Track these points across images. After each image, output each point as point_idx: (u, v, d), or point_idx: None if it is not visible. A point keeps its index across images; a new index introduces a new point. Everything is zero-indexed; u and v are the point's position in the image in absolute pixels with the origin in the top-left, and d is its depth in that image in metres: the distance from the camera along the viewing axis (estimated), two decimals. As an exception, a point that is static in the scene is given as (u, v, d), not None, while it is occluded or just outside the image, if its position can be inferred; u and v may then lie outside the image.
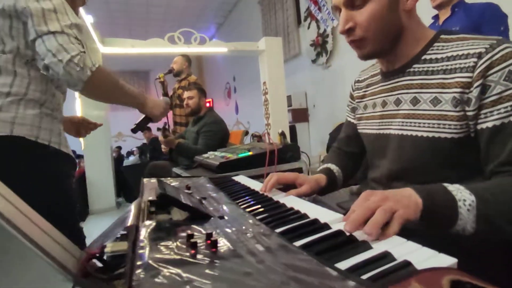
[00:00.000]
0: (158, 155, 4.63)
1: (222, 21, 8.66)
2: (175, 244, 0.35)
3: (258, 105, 3.89)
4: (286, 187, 0.74)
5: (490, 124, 0.54)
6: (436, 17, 1.62)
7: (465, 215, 0.47)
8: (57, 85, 1.02)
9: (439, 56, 0.61)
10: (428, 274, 0.25)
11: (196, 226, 0.42)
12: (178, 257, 0.31)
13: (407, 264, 0.28)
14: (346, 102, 1.10)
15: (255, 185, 0.78)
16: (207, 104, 2.50)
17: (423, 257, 0.30)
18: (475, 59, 0.55)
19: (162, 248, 0.35)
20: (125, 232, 0.41)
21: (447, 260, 0.30)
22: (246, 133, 2.13)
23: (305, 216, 0.48)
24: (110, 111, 11.24)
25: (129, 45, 3.31)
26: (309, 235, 0.39)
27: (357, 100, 0.84)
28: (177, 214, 0.55)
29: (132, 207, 0.56)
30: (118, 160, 5.48)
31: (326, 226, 0.42)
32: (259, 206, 0.56)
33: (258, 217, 0.49)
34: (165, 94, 2.81)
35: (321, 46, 4.52)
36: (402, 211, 0.43)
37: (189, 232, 0.37)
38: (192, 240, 0.34)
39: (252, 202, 0.59)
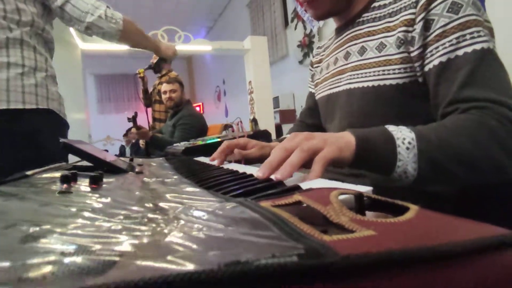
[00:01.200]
0: (137, 150, 4.54)
1: (211, 24, 8.66)
2: (49, 185, 0.29)
3: (248, 108, 3.87)
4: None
5: (436, 62, 0.50)
6: None
7: (404, 154, 0.42)
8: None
9: (387, 2, 0.58)
10: (318, 190, 0.21)
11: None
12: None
13: (297, 187, 0.24)
14: None
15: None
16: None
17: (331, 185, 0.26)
18: None
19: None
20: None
21: (359, 189, 0.25)
22: (226, 126, 2.08)
23: (235, 172, 0.43)
24: (98, 114, 11.04)
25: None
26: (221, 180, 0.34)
27: (315, 66, 0.81)
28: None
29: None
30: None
31: (248, 176, 0.37)
32: (194, 171, 0.51)
33: (188, 177, 0.44)
34: (145, 90, 2.75)
35: (307, 46, 4.53)
36: (326, 150, 0.38)
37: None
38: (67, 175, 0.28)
39: (189, 168, 0.54)
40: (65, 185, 0.26)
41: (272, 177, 0.35)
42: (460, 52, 0.47)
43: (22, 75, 0.88)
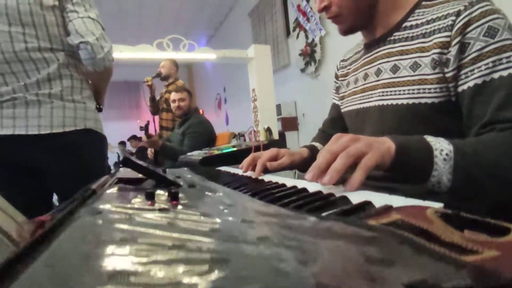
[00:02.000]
0: (146, 160, 4.55)
1: (212, 33, 8.75)
2: (132, 200, 0.30)
3: (249, 117, 3.89)
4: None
5: (471, 84, 0.51)
6: None
7: (440, 165, 0.44)
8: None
9: (419, 22, 0.60)
10: (410, 208, 0.22)
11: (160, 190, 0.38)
12: (133, 206, 0.27)
13: (389, 206, 0.25)
14: None
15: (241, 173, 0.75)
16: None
17: (408, 203, 0.27)
18: (453, 18, 0.53)
19: (117, 206, 0.30)
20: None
21: (433, 205, 0.26)
22: (234, 135, 2.10)
23: (290, 187, 0.44)
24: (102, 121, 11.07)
25: (117, 50, 3.27)
26: (287, 198, 0.36)
27: (341, 79, 0.83)
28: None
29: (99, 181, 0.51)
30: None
31: (305, 190, 0.38)
32: (241, 183, 0.52)
33: (238, 189, 0.45)
34: (153, 98, 2.77)
35: (309, 55, 4.58)
36: (370, 154, 0.40)
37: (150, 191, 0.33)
38: (150, 192, 0.29)
39: (232, 181, 0.55)
40: (149, 202, 0.27)
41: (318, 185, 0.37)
42: (496, 76, 0.49)
43: (63, 101, 0.99)
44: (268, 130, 1.28)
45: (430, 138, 0.46)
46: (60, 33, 0.98)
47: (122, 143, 6.47)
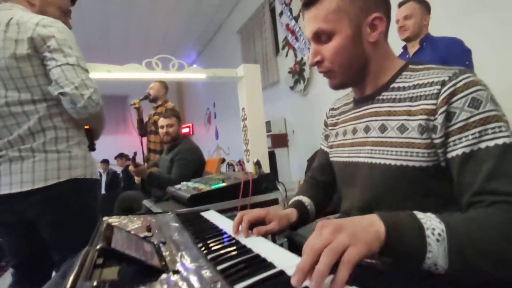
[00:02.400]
0: (133, 183, 4.44)
1: (202, 48, 8.80)
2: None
3: (238, 131, 3.88)
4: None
5: (459, 152, 0.52)
6: (405, 48, 1.68)
7: (434, 246, 0.42)
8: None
9: (406, 85, 0.61)
10: None
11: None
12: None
13: None
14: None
15: (224, 223, 0.73)
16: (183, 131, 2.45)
17: None
18: (439, 87, 0.54)
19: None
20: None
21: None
22: (223, 160, 2.07)
23: (270, 265, 0.42)
24: None
25: (104, 70, 3.23)
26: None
27: (330, 128, 0.82)
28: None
29: (80, 257, 0.48)
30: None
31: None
32: (224, 251, 0.49)
33: (219, 267, 0.43)
34: (140, 120, 2.73)
35: (298, 73, 4.64)
36: (354, 249, 0.38)
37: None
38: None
39: (217, 248, 0.52)
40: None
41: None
42: (482, 145, 0.50)
43: (46, 153, 0.96)
44: (258, 164, 1.26)
45: (420, 215, 0.46)
46: (39, 83, 0.94)
47: (105, 162, 6.28)
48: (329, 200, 0.85)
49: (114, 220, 0.79)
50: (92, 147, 1.12)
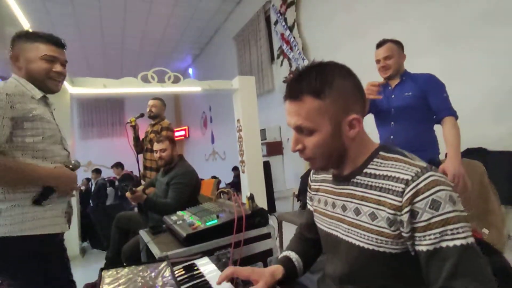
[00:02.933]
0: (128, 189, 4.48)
1: (198, 52, 8.81)
2: None
3: (234, 137, 3.93)
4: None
5: (424, 248, 0.57)
6: (388, 79, 1.74)
7: None
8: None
9: (377, 173, 0.65)
10: None
11: None
12: None
13: None
14: None
15: (214, 274, 0.79)
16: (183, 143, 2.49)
17: None
18: (403, 186, 0.59)
19: None
20: None
21: None
22: (219, 182, 2.12)
23: None
24: (81, 140, 10.58)
25: (100, 84, 3.25)
26: None
27: (313, 192, 0.86)
28: None
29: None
30: (86, 194, 5.15)
31: None
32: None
33: None
34: (137, 138, 2.76)
35: (293, 83, 4.69)
36: None
37: None
38: None
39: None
40: None
41: None
42: (444, 245, 0.55)
43: None
44: (251, 198, 1.31)
45: None
46: None
47: (97, 171, 6.25)
48: (318, 255, 0.90)
49: (114, 272, 0.84)
50: (36, 201, 1.05)
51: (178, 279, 0.80)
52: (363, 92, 0.69)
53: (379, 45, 1.72)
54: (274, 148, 5.20)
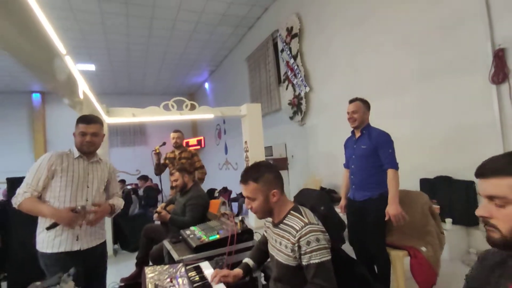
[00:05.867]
0: (152, 202, 5.16)
1: (214, 68, 9.49)
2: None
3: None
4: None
5: (304, 263, 1.13)
6: (353, 132, 2.27)
7: None
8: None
9: (288, 223, 1.21)
10: None
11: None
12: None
13: None
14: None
15: (210, 271, 1.36)
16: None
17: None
18: (295, 232, 1.15)
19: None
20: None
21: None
22: (223, 203, 2.69)
23: None
24: (112, 147, 11.38)
25: (130, 114, 3.92)
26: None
27: (266, 228, 1.42)
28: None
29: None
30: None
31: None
32: None
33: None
34: (158, 163, 3.42)
35: (297, 106, 5.21)
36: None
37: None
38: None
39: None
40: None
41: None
42: (310, 262, 1.10)
43: None
44: (242, 221, 1.87)
45: None
46: None
47: (123, 181, 7.01)
48: (266, 258, 1.46)
49: (151, 270, 1.42)
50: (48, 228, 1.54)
51: (189, 274, 1.37)
52: (281, 177, 1.27)
53: (350, 101, 2.25)
54: (280, 164, 5.71)
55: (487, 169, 0.71)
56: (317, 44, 4.72)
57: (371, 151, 2.08)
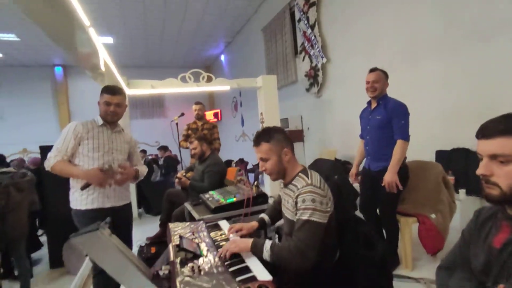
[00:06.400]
0: (172, 170, 5.42)
1: (230, 40, 9.36)
2: (187, 266, 1.03)
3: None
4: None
5: (296, 218, 1.22)
6: (369, 103, 2.28)
7: (265, 253, 1.14)
8: None
9: (295, 183, 1.28)
10: (254, 281, 0.92)
11: (195, 260, 1.10)
12: (188, 271, 1.00)
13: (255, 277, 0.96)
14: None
15: (227, 227, 1.49)
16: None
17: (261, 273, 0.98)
18: (296, 190, 1.24)
19: (182, 269, 1.03)
20: (168, 266, 1.10)
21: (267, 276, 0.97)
22: (239, 170, 2.82)
23: (250, 270, 1.14)
24: (133, 119, 11.81)
25: (149, 86, 4.03)
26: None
27: (280, 187, 1.51)
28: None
29: (170, 248, 1.24)
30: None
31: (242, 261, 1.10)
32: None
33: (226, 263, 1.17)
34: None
35: (313, 78, 5.16)
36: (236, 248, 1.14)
37: (193, 263, 1.05)
38: (193, 264, 1.02)
39: (220, 245, 1.27)
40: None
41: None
42: (301, 218, 1.17)
43: None
44: (257, 186, 1.99)
45: (266, 242, 1.17)
46: None
47: (143, 151, 7.34)
48: (280, 217, 1.57)
49: (175, 225, 1.56)
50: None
51: (209, 229, 1.51)
52: (290, 138, 1.36)
53: (371, 70, 2.24)
54: (296, 136, 5.74)
55: (491, 130, 0.77)
56: (335, 13, 4.57)
57: (386, 121, 2.10)
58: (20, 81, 9.82)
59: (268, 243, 1.17)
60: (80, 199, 1.76)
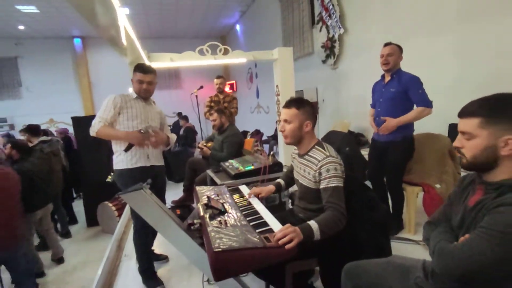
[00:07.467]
0: (190, 142, 5.68)
1: (245, 9, 9.17)
2: (215, 220, 1.24)
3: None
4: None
5: (322, 186, 1.36)
6: (383, 76, 2.35)
7: (316, 233, 1.26)
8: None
9: (312, 155, 1.43)
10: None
11: (221, 216, 1.31)
12: (217, 224, 1.21)
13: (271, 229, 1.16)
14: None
15: (246, 191, 1.69)
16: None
17: (277, 227, 1.18)
18: (317, 162, 1.38)
19: (211, 222, 1.24)
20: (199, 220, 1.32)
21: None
22: (256, 141, 3.01)
23: (267, 224, 1.34)
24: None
25: (168, 59, 4.16)
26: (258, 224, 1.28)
27: (292, 158, 1.68)
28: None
29: (199, 207, 1.46)
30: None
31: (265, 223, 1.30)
32: (244, 207, 1.45)
33: (244, 212, 1.38)
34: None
35: (330, 49, 5.12)
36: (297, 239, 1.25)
37: (220, 217, 1.26)
38: (220, 218, 1.23)
39: (241, 204, 1.48)
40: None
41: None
42: (328, 185, 1.32)
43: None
44: (273, 155, 2.17)
45: (311, 224, 1.29)
46: None
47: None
48: (293, 183, 1.75)
49: (201, 188, 1.78)
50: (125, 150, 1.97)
51: (230, 192, 1.72)
52: (316, 116, 1.47)
53: (385, 44, 2.30)
54: (310, 107, 5.83)
55: (463, 111, 0.94)
56: (355, -20, 4.44)
57: (400, 94, 2.19)
58: (42, 52, 10.09)
59: (313, 224, 1.26)
60: (126, 160, 1.99)
